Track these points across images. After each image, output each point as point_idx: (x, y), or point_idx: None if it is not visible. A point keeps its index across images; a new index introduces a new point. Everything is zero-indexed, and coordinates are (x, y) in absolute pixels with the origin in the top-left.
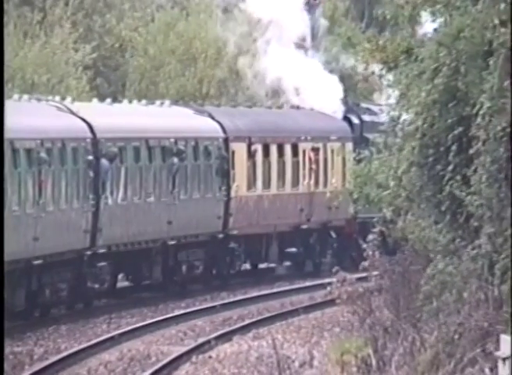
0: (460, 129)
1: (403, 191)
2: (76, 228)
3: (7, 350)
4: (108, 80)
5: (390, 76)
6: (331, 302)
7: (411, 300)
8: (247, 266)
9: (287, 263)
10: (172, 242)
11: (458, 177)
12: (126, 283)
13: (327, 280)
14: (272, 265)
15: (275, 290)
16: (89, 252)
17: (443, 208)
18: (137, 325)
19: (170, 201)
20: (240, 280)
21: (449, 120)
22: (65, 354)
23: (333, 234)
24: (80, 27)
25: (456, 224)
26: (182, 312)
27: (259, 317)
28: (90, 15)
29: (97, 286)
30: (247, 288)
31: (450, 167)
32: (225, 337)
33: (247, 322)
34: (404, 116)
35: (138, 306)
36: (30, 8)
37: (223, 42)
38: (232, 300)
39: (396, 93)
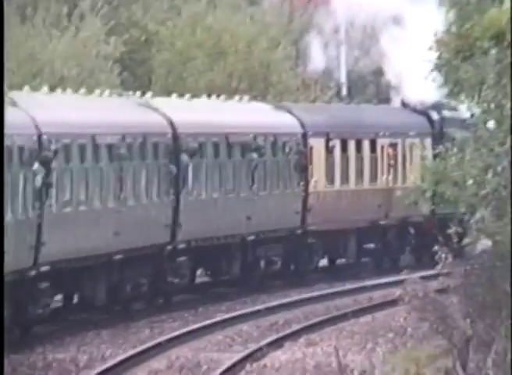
0: None
1: (502, 189)
2: (157, 223)
3: (50, 357)
4: (134, 75)
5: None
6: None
7: (498, 307)
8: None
9: (365, 259)
10: (251, 238)
11: None
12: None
13: (402, 277)
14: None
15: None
16: (169, 247)
17: None
18: (183, 330)
19: (249, 196)
20: (317, 275)
21: None
22: (112, 363)
23: (412, 230)
24: (111, 20)
25: None
26: (226, 316)
27: (306, 322)
28: (116, 7)
29: (176, 281)
30: (322, 284)
31: None
32: (276, 343)
33: (296, 327)
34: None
35: (217, 301)
36: (56, 1)
37: (253, 36)
38: (274, 303)
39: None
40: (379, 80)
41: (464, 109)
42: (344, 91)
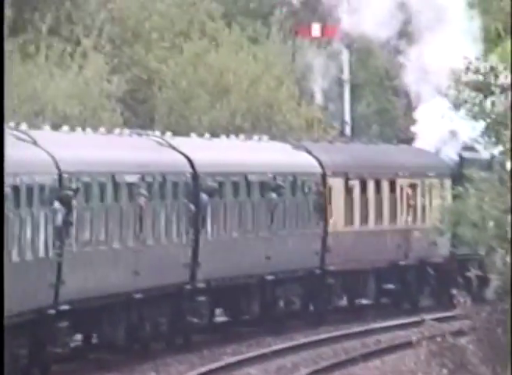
0: None
1: None
2: (176, 262)
3: None
4: (136, 114)
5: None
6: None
7: None
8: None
9: (384, 300)
10: (270, 277)
11: None
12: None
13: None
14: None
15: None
16: (188, 286)
17: None
18: (191, 374)
19: (268, 236)
20: (337, 316)
21: None
22: None
23: (431, 271)
24: (114, 58)
25: None
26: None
27: (315, 367)
28: (119, 46)
29: (196, 320)
30: (341, 325)
31: None
32: None
33: (305, 371)
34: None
35: (236, 341)
36: (58, 39)
37: (256, 74)
38: (286, 345)
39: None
40: (384, 120)
41: (482, 149)
42: (348, 131)
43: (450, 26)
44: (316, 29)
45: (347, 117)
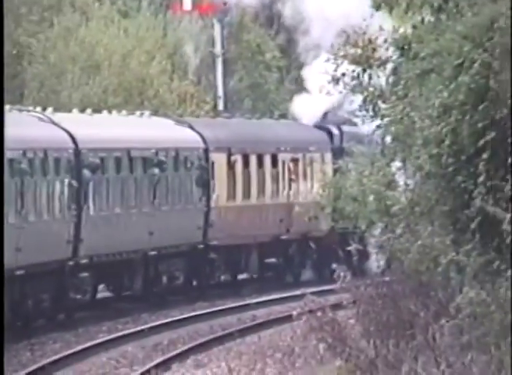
0: (493, 134)
1: (415, 205)
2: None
3: None
4: (6, 89)
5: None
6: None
7: (402, 327)
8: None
9: (267, 274)
10: (153, 253)
11: (488, 191)
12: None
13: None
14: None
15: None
16: (71, 263)
17: (472, 226)
18: (67, 353)
19: (151, 211)
20: (220, 291)
21: (479, 124)
22: None
23: (313, 245)
24: None
25: (491, 245)
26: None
27: (193, 342)
28: None
29: (78, 297)
30: (225, 299)
31: (481, 178)
32: (163, 365)
33: (183, 348)
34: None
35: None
36: None
37: (128, 49)
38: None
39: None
40: (256, 95)
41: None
42: (221, 106)
43: None
44: (187, 2)
45: (220, 92)
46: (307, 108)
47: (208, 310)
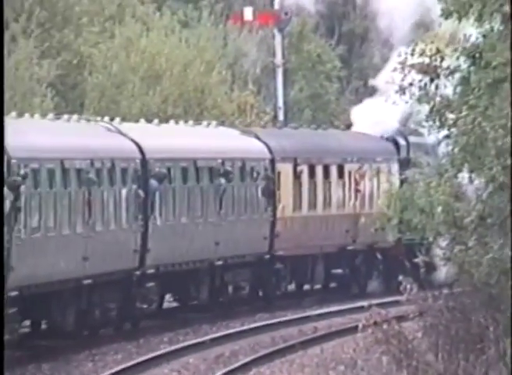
0: None
1: (487, 217)
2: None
3: None
4: (66, 99)
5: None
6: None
7: (472, 340)
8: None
9: (333, 284)
10: (219, 263)
11: None
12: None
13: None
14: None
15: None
16: (138, 272)
17: None
18: (129, 364)
19: (217, 221)
20: (286, 302)
21: None
22: None
23: (379, 256)
24: (44, 43)
25: None
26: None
27: (255, 355)
28: (48, 30)
29: (145, 306)
30: (289, 310)
31: None
32: None
33: (245, 360)
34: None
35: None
36: None
37: (188, 59)
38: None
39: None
40: (316, 105)
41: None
42: (281, 116)
43: None
44: (248, 12)
45: (280, 102)
46: (373, 117)
47: (269, 321)
